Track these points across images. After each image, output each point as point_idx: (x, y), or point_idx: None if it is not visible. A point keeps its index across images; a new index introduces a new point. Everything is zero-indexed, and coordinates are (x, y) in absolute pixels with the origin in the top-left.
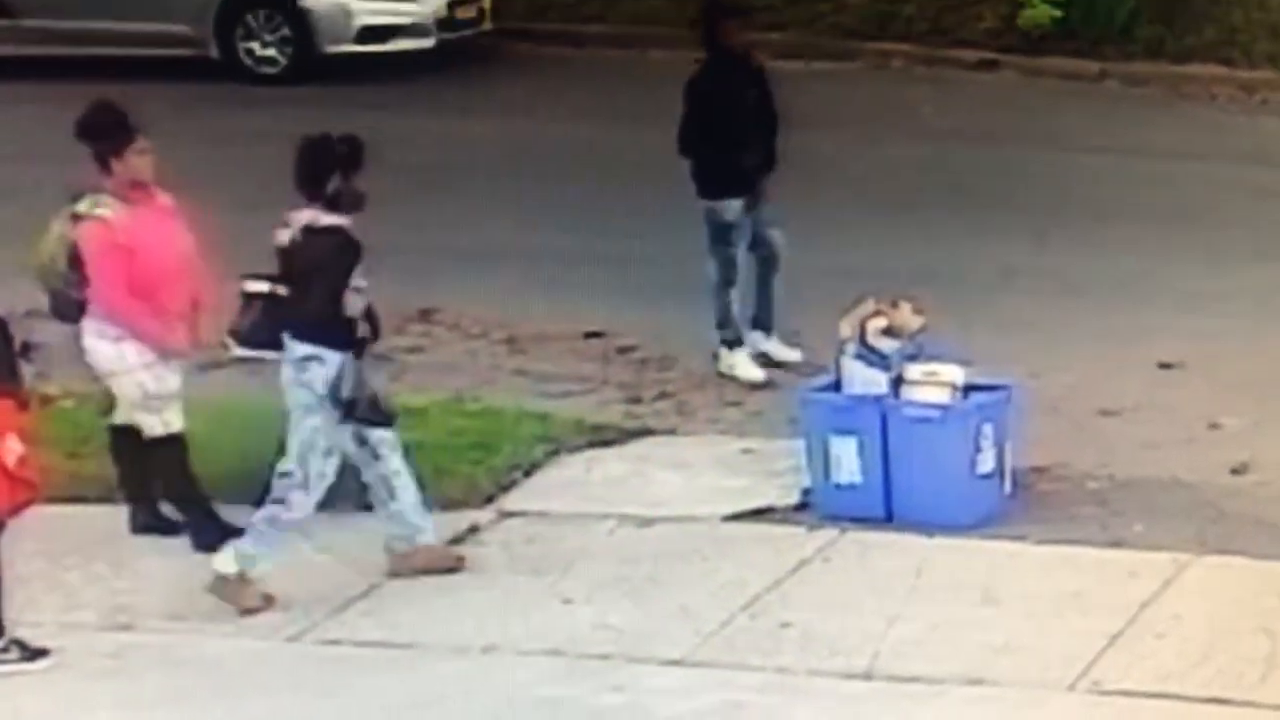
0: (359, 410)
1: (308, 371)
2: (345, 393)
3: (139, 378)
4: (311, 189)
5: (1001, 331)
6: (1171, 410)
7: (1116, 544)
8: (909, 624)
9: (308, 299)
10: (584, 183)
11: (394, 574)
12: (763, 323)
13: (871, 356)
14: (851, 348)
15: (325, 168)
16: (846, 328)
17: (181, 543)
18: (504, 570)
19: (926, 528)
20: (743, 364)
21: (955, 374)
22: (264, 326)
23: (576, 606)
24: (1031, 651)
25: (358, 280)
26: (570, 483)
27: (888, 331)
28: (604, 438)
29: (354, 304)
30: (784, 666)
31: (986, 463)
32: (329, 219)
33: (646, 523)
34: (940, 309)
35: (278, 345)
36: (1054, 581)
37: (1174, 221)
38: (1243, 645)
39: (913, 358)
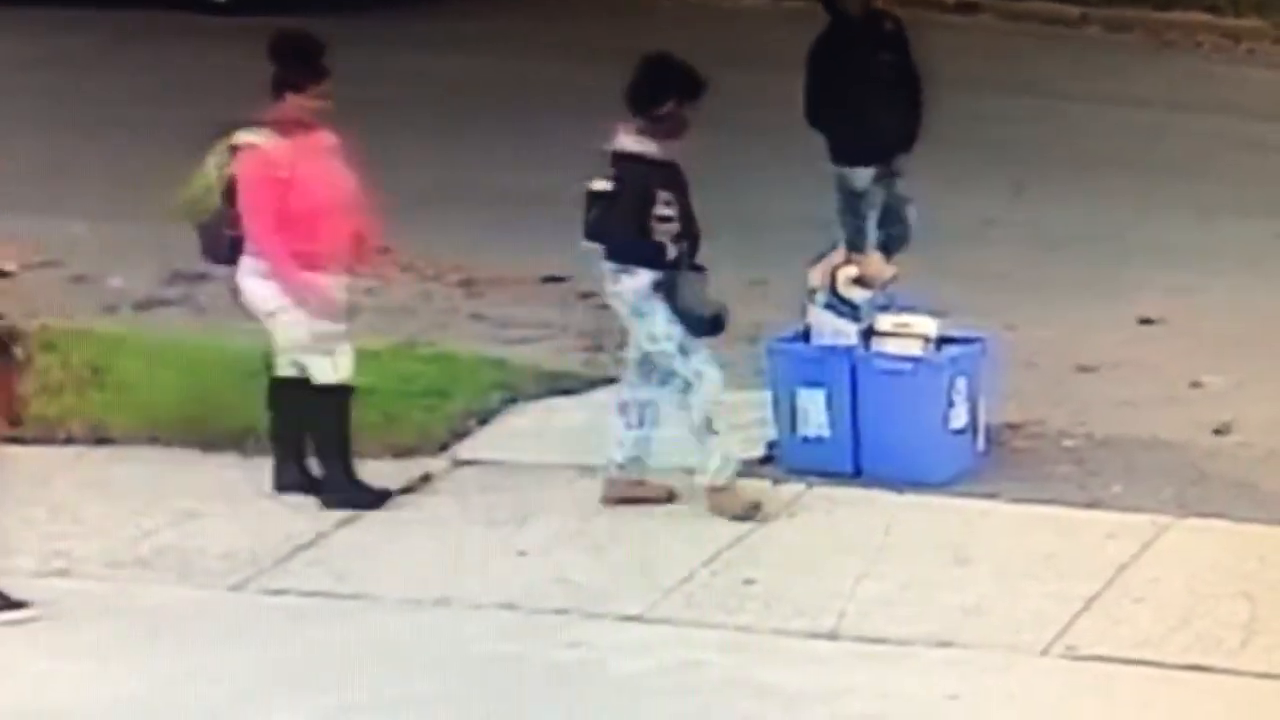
0: (691, 324)
1: (620, 283)
2: (700, 310)
3: (303, 318)
4: (640, 108)
5: (977, 283)
6: (1152, 367)
7: (1093, 504)
8: (877, 583)
9: (611, 217)
10: (549, 122)
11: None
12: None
13: (841, 307)
14: (821, 297)
15: (661, 90)
16: (816, 276)
17: (121, 487)
18: (457, 521)
19: (896, 484)
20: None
21: (928, 326)
22: (599, 223)
23: (532, 559)
24: (1004, 614)
25: (663, 208)
26: (527, 432)
27: (859, 281)
28: (563, 385)
29: (662, 230)
30: (746, 625)
31: (959, 418)
32: (638, 144)
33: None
34: (914, 259)
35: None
36: (1028, 542)
37: (1156, 173)
38: (1222, 610)
39: (884, 308)
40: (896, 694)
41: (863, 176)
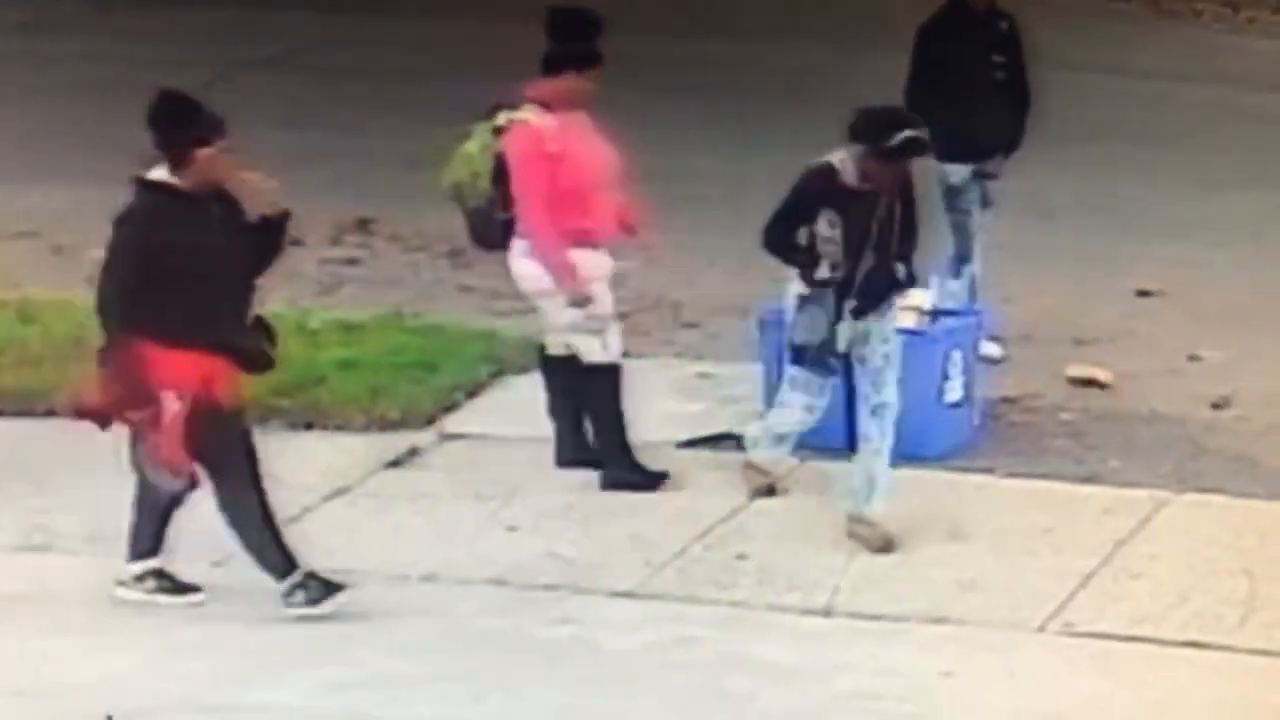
0: (806, 358)
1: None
2: (798, 337)
3: (575, 307)
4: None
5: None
6: (1150, 340)
7: (1090, 479)
8: (871, 558)
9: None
10: None
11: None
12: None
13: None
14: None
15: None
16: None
17: (103, 460)
18: (445, 495)
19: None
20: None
21: (923, 298)
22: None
23: (522, 534)
24: (1000, 590)
25: (825, 228)
26: (516, 405)
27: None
28: None
29: (824, 248)
30: (739, 600)
31: (954, 391)
32: (841, 162)
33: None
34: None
35: None
36: (1024, 517)
37: (1154, 144)
38: (1221, 587)
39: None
40: (891, 671)
41: (958, 173)
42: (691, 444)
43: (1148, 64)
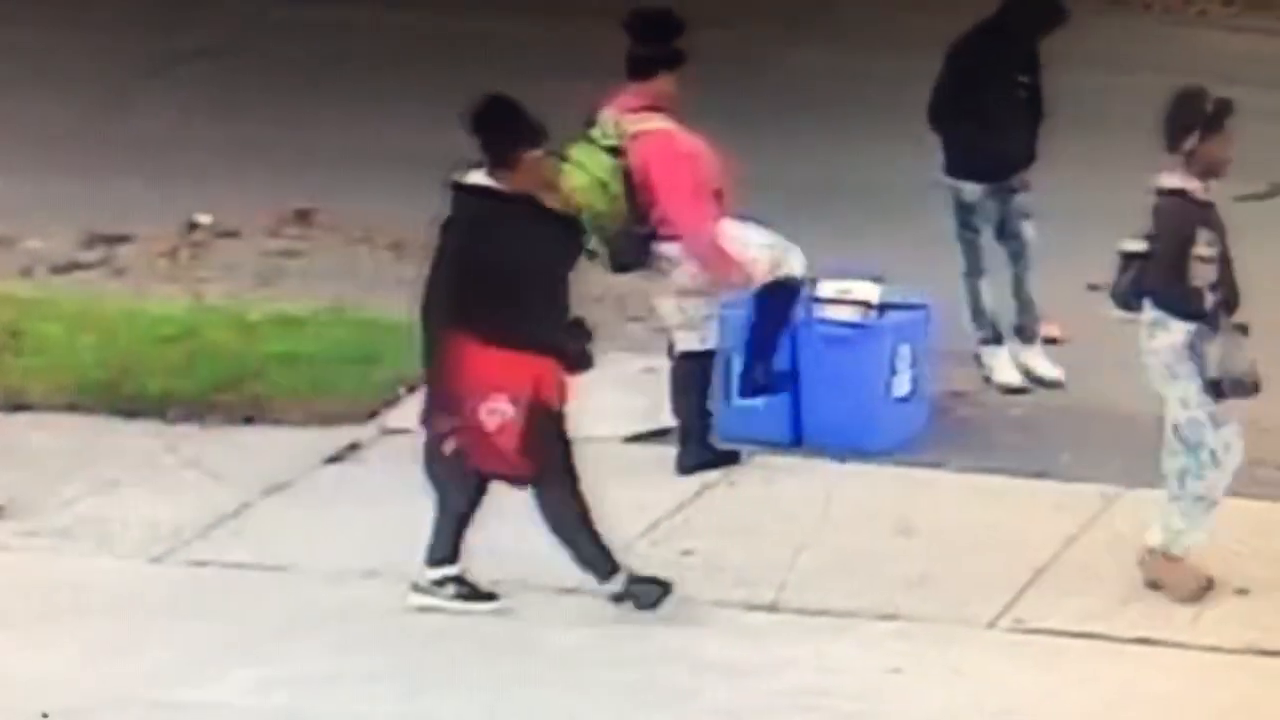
0: (1225, 388)
1: (1155, 339)
2: (1209, 371)
3: (679, 302)
4: (1170, 143)
5: (921, 248)
6: (1101, 334)
7: (1041, 474)
8: (818, 553)
9: (1153, 263)
10: (482, 79)
11: (1146, 578)
12: (1024, 331)
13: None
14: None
15: (1187, 123)
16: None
17: (39, 455)
18: (387, 491)
19: (838, 452)
20: (1001, 366)
21: (870, 291)
22: (1137, 283)
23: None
24: (949, 586)
25: (1204, 249)
26: None
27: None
28: None
29: (1202, 273)
30: (685, 596)
31: (902, 385)
32: (1174, 180)
33: None
34: (860, 223)
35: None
36: (973, 512)
37: (1104, 136)
38: None
39: None
40: (838, 667)
41: (970, 190)
42: (638, 438)
43: (1095, 55)
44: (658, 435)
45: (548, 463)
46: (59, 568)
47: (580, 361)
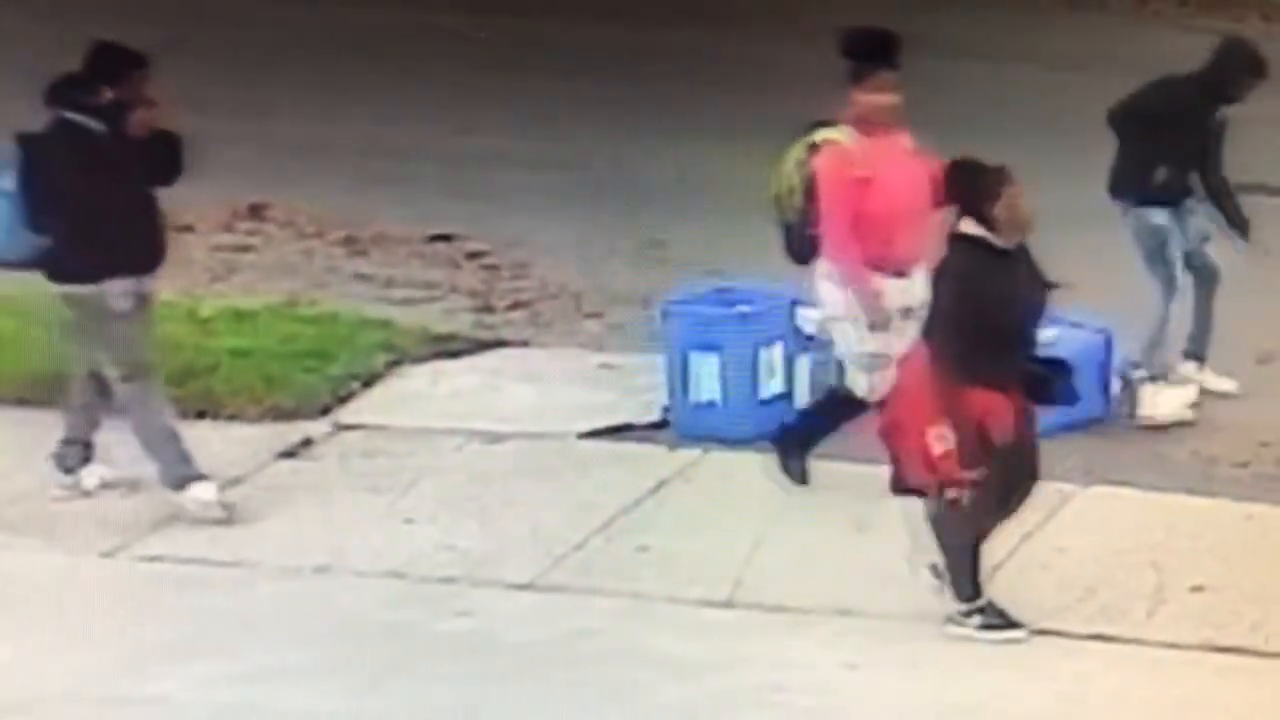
0: None
1: None
2: None
3: (855, 331)
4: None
5: None
6: None
7: None
8: (774, 550)
9: None
10: (438, 74)
11: None
12: (1196, 350)
13: None
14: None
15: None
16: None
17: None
18: (340, 487)
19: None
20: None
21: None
22: None
23: (419, 526)
24: (904, 582)
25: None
26: (414, 395)
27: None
28: (451, 348)
29: None
30: (641, 592)
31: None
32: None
33: (496, 439)
34: None
35: None
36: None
37: (1059, 135)
38: (1129, 580)
39: None
40: (794, 663)
41: (1156, 215)
42: (593, 434)
43: (1053, 54)
44: (613, 431)
45: (985, 493)
46: (8, 562)
47: (1063, 397)
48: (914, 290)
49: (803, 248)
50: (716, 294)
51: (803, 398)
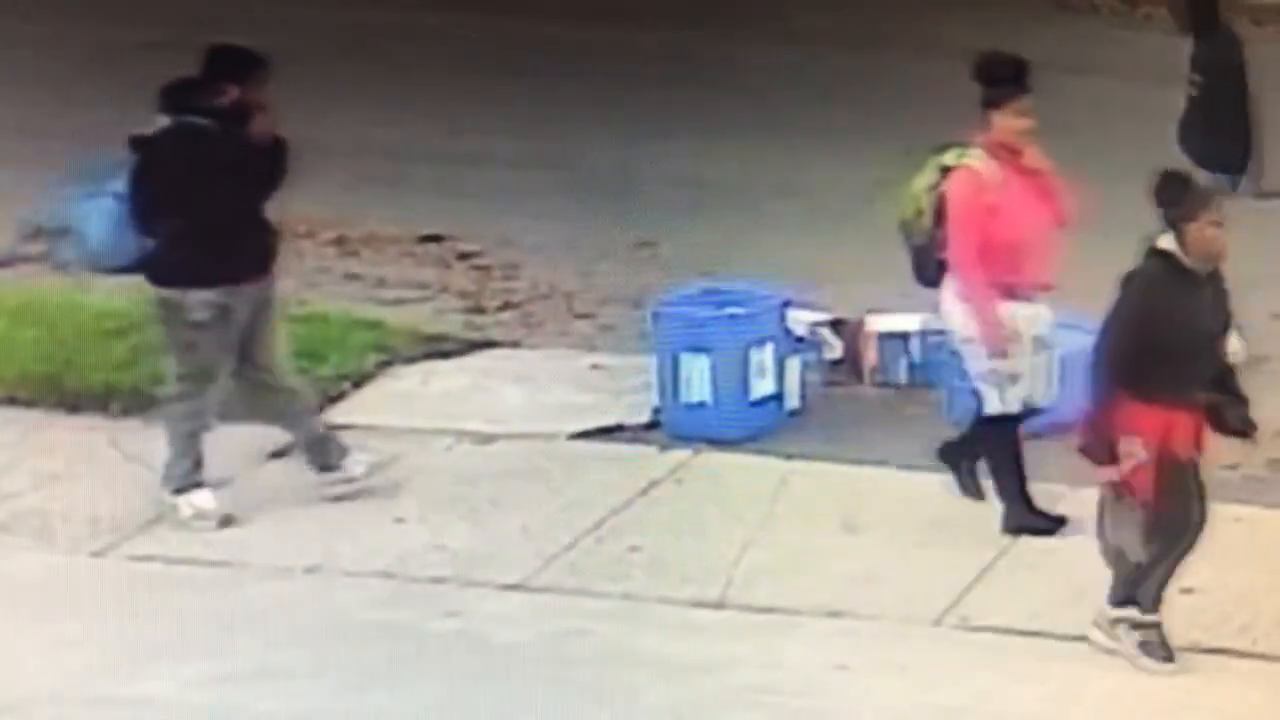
0: None
1: None
2: None
3: (968, 347)
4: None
5: (868, 247)
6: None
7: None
8: (764, 551)
9: None
10: (429, 75)
11: None
12: None
13: None
14: None
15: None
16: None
17: None
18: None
19: (784, 450)
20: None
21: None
22: None
23: (409, 527)
24: (895, 583)
25: None
26: (404, 395)
27: None
28: (442, 348)
29: None
30: (631, 593)
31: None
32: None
33: (487, 439)
34: (803, 222)
35: None
36: (919, 510)
37: (1050, 138)
38: None
39: None
40: (784, 664)
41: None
42: (584, 435)
43: (1044, 56)
44: (604, 432)
45: (1174, 510)
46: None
47: (1241, 425)
48: (1042, 317)
49: (930, 271)
50: (707, 295)
51: (793, 398)
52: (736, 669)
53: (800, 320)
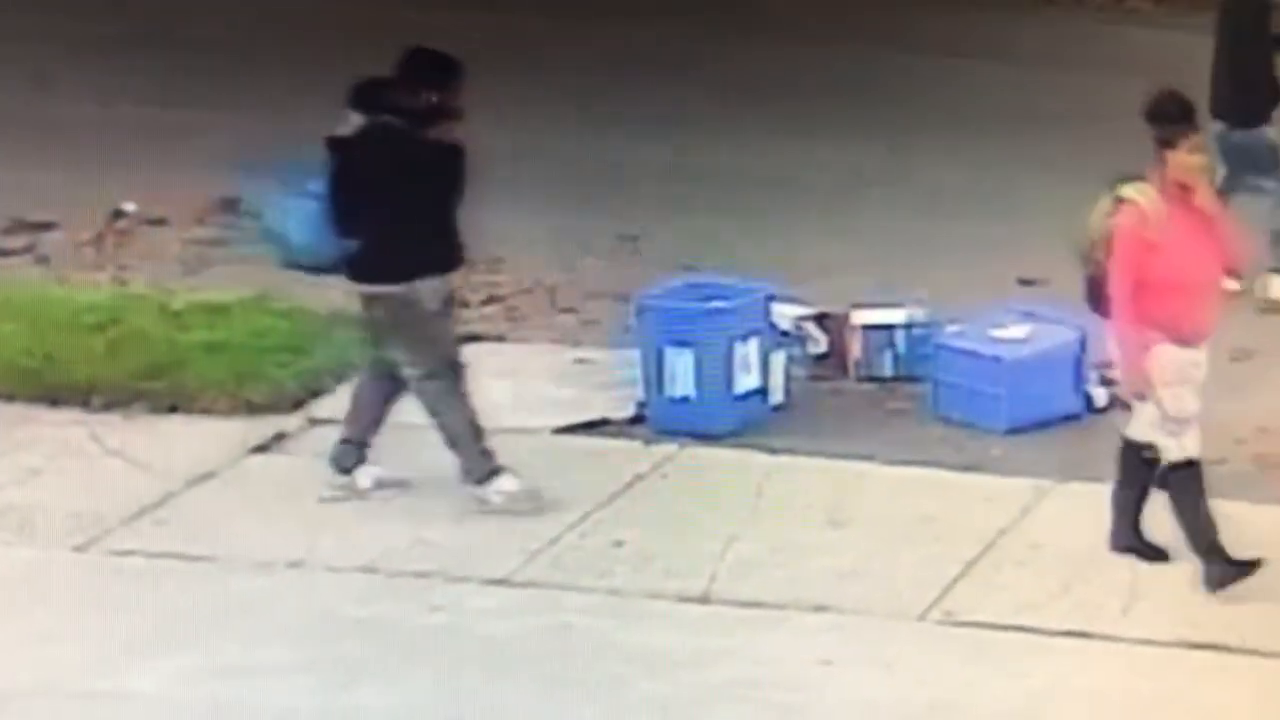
0: None
1: None
2: None
3: (1156, 394)
4: None
5: (853, 240)
6: None
7: (972, 467)
8: (749, 545)
9: None
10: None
11: None
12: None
13: None
14: None
15: None
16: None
17: None
18: (312, 482)
19: (768, 445)
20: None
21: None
22: None
23: (393, 521)
24: (880, 578)
25: None
26: None
27: None
28: None
29: None
30: (616, 588)
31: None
32: None
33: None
34: (788, 216)
35: None
36: (905, 505)
37: (1036, 132)
38: (1104, 576)
39: None
40: (769, 659)
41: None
42: (568, 430)
43: (1030, 51)
44: (588, 427)
45: None
46: None
47: None
48: (1202, 364)
49: (1101, 301)
50: (691, 289)
51: (777, 393)
52: (722, 664)
53: (785, 314)
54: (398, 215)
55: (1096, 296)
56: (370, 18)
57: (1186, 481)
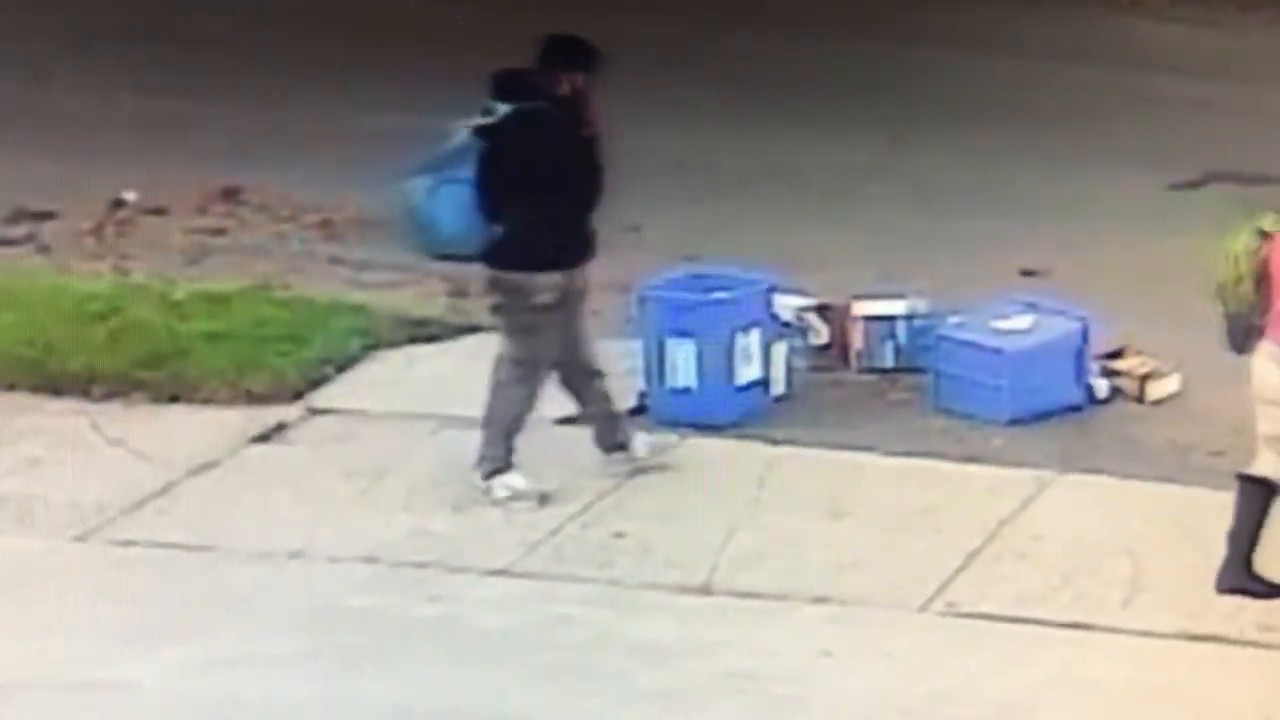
0: None
1: None
2: None
3: (1267, 409)
4: None
5: (854, 232)
6: None
7: (973, 459)
8: (750, 536)
9: None
10: (413, 58)
11: None
12: None
13: None
14: None
15: None
16: None
17: None
18: (313, 472)
19: (770, 436)
20: None
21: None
22: None
23: (392, 512)
24: (881, 569)
25: None
26: (388, 380)
27: None
28: (426, 332)
29: None
30: (616, 579)
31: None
32: None
33: (471, 424)
34: (789, 207)
35: None
36: (906, 496)
37: (1039, 125)
38: (1105, 568)
39: None
40: (769, 650)
41: None
42: (569, 420)
43: (1033, 44)
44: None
45: None
46: None
47: None
48: None
49: (1247, 338)
50: (693, 279)
51: (779, 384)
52: (722, 654)
53: (786, 305)
54: (541, 203)
55: (1239, 334)
56: (373, 9)
57: (1255, 494)
